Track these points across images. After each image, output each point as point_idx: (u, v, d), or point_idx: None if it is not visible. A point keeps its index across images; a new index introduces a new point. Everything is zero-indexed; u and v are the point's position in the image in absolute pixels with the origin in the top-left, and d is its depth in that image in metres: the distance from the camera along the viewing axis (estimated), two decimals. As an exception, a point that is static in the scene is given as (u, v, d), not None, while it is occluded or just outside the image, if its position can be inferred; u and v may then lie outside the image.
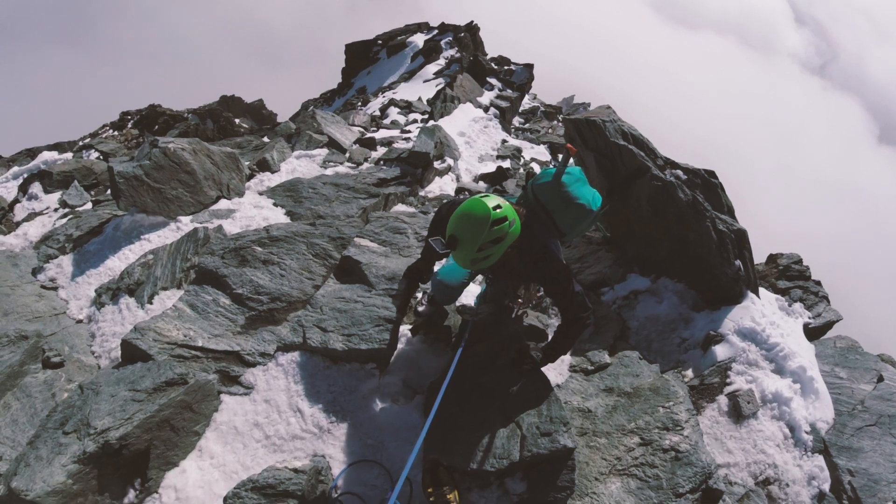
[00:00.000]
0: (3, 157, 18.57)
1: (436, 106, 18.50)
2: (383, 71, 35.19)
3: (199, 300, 6.39)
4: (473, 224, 4.69)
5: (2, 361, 6.27)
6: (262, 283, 6.53)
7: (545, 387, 5.32)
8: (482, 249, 4.75)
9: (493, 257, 4.85)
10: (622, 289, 7.73)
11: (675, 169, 7.45)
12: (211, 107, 32.84)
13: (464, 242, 4.72)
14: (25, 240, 9.58)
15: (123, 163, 9.03)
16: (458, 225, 4.77)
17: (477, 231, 4.66)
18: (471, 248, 4.71)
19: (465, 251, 4.76)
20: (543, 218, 5.38)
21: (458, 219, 4.78)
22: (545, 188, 5.42)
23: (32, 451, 4.82)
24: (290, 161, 11.67)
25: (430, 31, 37.99)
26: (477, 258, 4.80)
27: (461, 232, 4.74)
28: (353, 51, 40.26)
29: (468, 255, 4.76)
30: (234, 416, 5.39)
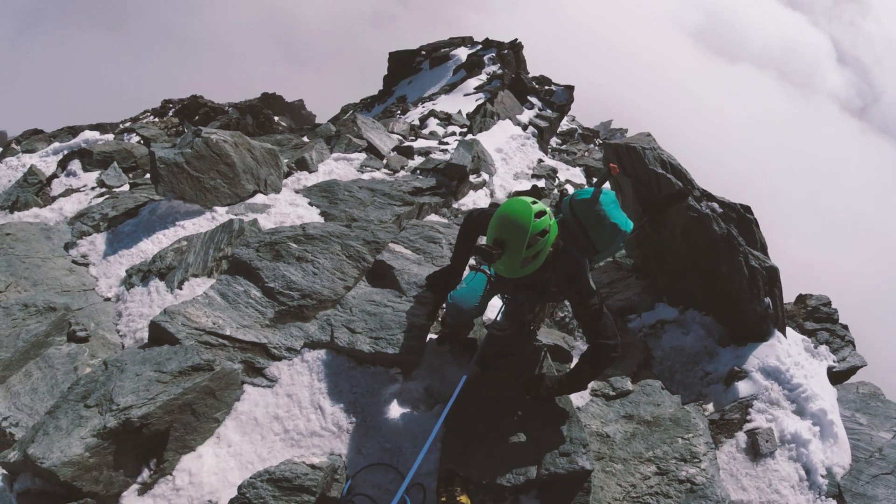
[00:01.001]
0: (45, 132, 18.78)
1: (475, 120, 18.54)
2: (425, 81, 35.28)
3: (231, 290, 6.43)
4: (518, 219, 4.61)
5: (28, 330, 6.36)
6: (295, 279, 6.56)
7: (567, 407, 5.31)
8: (531, 245, 4.62)
9: (541, 255, 4.75)
10: (649, 317, 7.70)
11: (711, 201, 7.42)
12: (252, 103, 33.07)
13: (511, 243, 4.61)
14: (60, 214, 9.69)
15: (165, 149, 9.14)
16: (501, 226, 4.68)
17: (523, 224, 4.58)
18: (520, 246, 4.59)
19: (514, 252, 4.63)
20: (577, 234, 5.34)
21: (500, 221, 4.70)
22: (583, 205, 5.39)
23: (52, 420, 4.85)
24: (328, 162, 11.75)
25: (473, 46, 38.05)
26: (527, 256, 4.67)
27: (506, 232, 4.64)
28: (396, 59, 40.42)
29: (518, 254, 4.63)
30: (256, 407, 5.42)
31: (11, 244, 8.25)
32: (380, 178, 11.08)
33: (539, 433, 5.10)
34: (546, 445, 5.02)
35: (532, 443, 5.05)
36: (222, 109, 28.22)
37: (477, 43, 38.37)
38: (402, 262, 6.95)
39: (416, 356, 5.76)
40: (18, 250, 8.12)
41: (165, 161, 8.73)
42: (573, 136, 30.63)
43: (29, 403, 5.75)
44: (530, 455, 4.97)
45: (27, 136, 18.52)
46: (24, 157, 13.97)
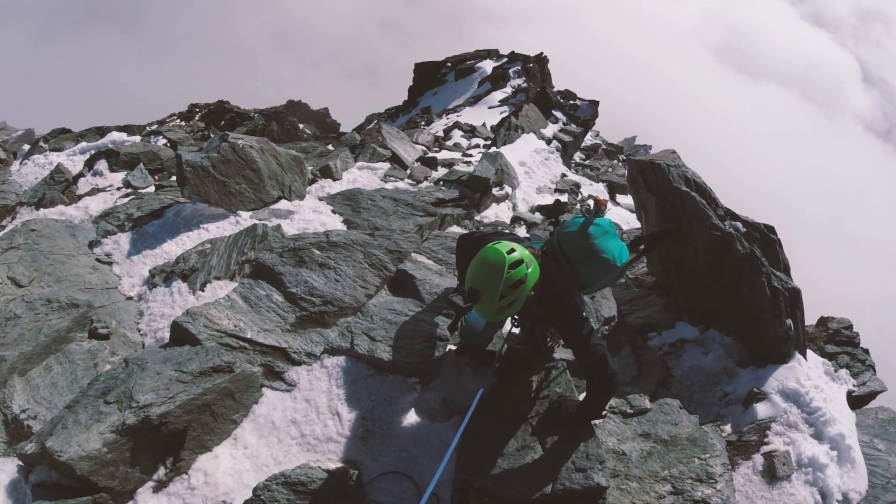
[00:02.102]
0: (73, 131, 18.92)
1: (499, 133, 18.55)
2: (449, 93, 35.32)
3: (253, 294, 6.47)
4: (490, 271, 4.59)
5: (50, 325, 6.44)
6: (317, 285, 6.59)
7: (586, 423, 5.29)
8: (504, 296, 4.61)
9: (517, 303, 4.71)
10: (669, 336, 7.68)
11: (734, 220, 7.40)
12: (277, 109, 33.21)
13: (485, 292, 4.61)
14: (86, 213, 9.80)
15: (192, 152, 9.22)
16: (475, 276, 4.68)
17: (495, 277, 4.56)
18: (493, 297, 4.59)
19: (488, 302, 4.63)
20: (565, 266, 5.26)
21: (475, 270, 4.70)
22: (570, 238, 5.33)
23: (71, 414, 4.91)
24: (352, 171, 11.79)
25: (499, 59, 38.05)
26: (501, 306, 4.65)
27: (480, 283, 4.64)
28: (421, 70, 40.48)
29: (492, 304, 4.63)
30: (273, 411, 5.45)
31: (36, 240, 8.34)
32: (403, 188, 11.11)
33: (555, 448, 5.09)
34: (562, 460, 5.00)
35: (548, 457, 5.04)
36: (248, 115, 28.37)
37: (502, 56, 38.37)
38: (424, 272, 6.97)
39: (434, 366, 5.77)
40: (43, 246, 8.21)
41: (192, 164, 8.80)
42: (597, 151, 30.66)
43: (48, 397, 5.81)
44: (546, 470, 4.95)
45: (55, 135, 18.63)
46: (52, 155, 14.09)
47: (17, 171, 13.30)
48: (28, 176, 12.73)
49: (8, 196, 11.42)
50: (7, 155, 17.91)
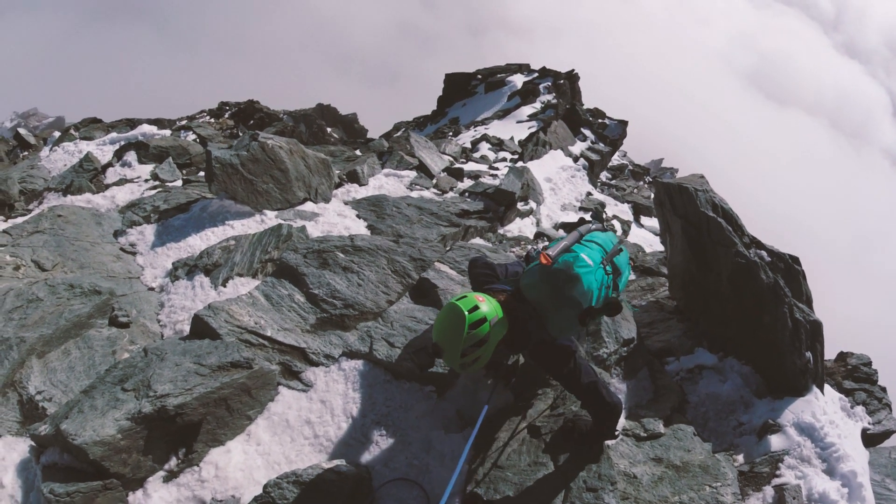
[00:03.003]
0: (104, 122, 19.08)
1: (527, 148, 18.55)
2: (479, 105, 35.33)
3: (275, 292, 6.50)
4: (450, 330, 4.55)
5: (71, 310, 6.48)
6: (339, 288, 6.61)
7: (598, 443, 5.27)
8: (466, 354, 4.57)
9: (481, 360, 4.68)
10: (688, 361, 7.62)
11: (760, 249, 7.36)
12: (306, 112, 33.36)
13: (446, 350, 4.59)
14: (112, 202, 9.87)
15: (221, 149, 9.30)
16: (437, 332, 4.68)
17: (455, 337, 4.51)
18: (455, 355, 4.57)
19: (451, 358, 4.62)
20: (533, 314, 4.97)
21: (437, 326, 4.70)
22: (531, 288, 5.06)
23: (88, 399, 4.95)
24: (378, 177, 11.81)
25: (530, 74, 38.00)
26: (465, 363, 4.64)
27: (441, 339, 4.63)
28: (451, 81, 40.50)
29: (455, 361, 4.62)
30: (288, 410, 5.46)
31: (62, 226, 8.42)
32: (428, 198, 11.12)
33: (567, 466, 5.08)
34: (573, 479, 4.99)
35: (559, 475, 5.03)
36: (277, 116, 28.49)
37: (533, 71, 38.34)
38: (447, 281, 6.97)
39: (451, 376, 5.76)
40: (69, 232, 8.29)
41: (221, 161, 8.87)
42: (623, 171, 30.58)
43: (64, 380, 5.86)
44: (557, 487, 4.94)
45: (86, 124, 18.79)
46: (82, 143, 14.25)
47: (47, 157, 13.45)
48: (57, 162, 12.86)
49: (36, 181, 11.55)
50: (37, 141, 18.11)
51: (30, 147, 17.58)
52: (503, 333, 4.72)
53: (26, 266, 7.51)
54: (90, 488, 4.48)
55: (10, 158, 16.85)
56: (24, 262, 7.56)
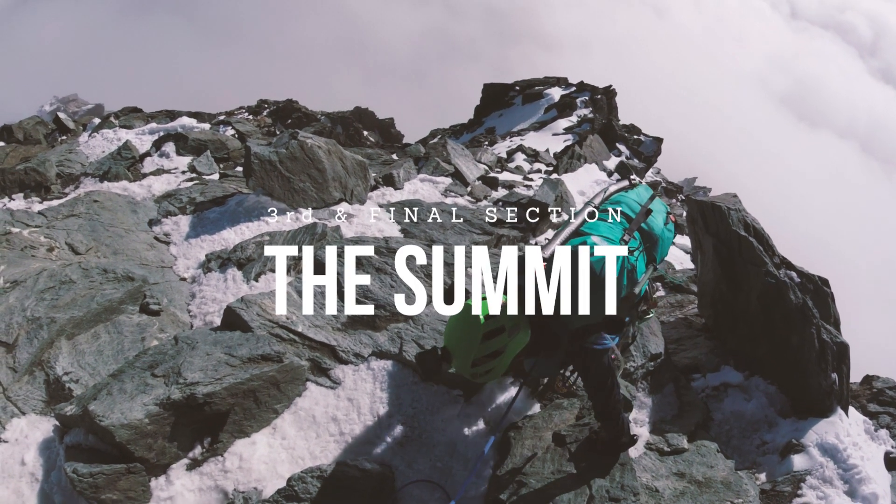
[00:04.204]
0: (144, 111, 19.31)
1: (562, 160, 18.55)
2: (515, 116, 35.33)
3: (308, 289, 6.51)
4: (462, 336, 4.20)
5: (103, 294, 6.52)
6: (372, 288, 6.60)
7: (623, 453, 5.24)
8: (478, 364, 4.21)
9: (495, 371, 4.32)
10: (714, 379, 7.62)
11: (790, 270, 7.37)
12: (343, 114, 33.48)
13: (457, 357, 4.24)
14: (149, 191, 9.96)
15: (261, 146, 9.39)
16: (448, 336, 4.34)
17: (467, 345, 4.15)
18: (465, 363, 4.21)
19: (460, 366, 4.26)
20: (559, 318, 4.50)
21: (449, 329, 4.36)
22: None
23: (117, 382, 4.97)
24: (413, 182, 11.82)
25: (567, 87, 37.96)
26: (476, 372, 4.28)
27: (452, 345, 4.28)
28: (489, 91, 40.54)
29: (465, 369, 4.26)
30: (315, 406, 5.46)
31: (98, 211, 8.51)
32: (462, 205, 11.12)
33: (591, 475, 5.04)
34: (597, 488, 4.96)
35: (582, 484, 4.99)
36: (315, 117, 28.67)
37: (571, 85, 38.29)
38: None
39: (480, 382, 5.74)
40: (104, 218, 8.36)
41: (260, 157, 8.94)
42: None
43: (92, 363, 5.91)
44: (579, 495, 4.91)
45: (126, 113, 19.05)
46: (121, 131, 14.40)
47: (86, 142, 13.60)
48: (95, 149, 13.00)
49: (74, 165, 11.69)
50: (76, 126, 18.34)
51: (68, 132, 17.82)
52: (524, 343, 4.32)
53: (60, 248, 7.59)
54: (114, 471, 4.50)
55: (48, 141, 17.10)
56: (58, 245, 7.64)
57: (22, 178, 10.78)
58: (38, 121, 18.99)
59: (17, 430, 5.21)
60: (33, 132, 17.76)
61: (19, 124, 18.17)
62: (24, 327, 6.01)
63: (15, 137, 17.41)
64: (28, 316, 6.10)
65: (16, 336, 5.93)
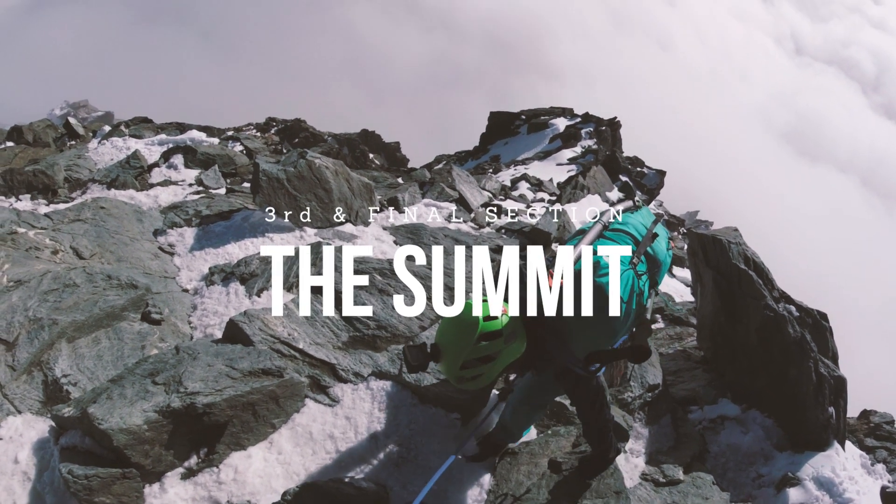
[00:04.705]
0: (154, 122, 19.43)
1: (565, 190, 18.67)
2: (520, 145, 35.51)
3: (311, 307, 6.54)
4: (456, 334, 4.05)
5: (106, 300, 6.56)
6: (374, 309, 6.63)
7: (617, 481, 5.25)
8: (467, 367, 4.04)
9: (482, 378, 4.12)
10: (711, 411, 7.66)
11: (789, 304, 7.44)
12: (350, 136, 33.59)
13: (446, 355, 4.07)
14: (155, 202, 10.03)
15: (269, 163, 9.44)
16: (441, 333, 4.18)
17: (460, 344, 4.01)
18: (454, 364, 4.04)
19: (448, 367, 4.10)
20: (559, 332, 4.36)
21: (443, 325, 4.20)
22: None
23: (117, 388, 4.98)
24: (418, 206, 11.85)
25: (573, 118, 38.13)
26: (463, 376, 4.09)
27: (444, 342, 4.11)
28: (495, 119, 40.74)
29: (452, 371, 4.09)
30: (313, 423, 5.46)
31: (104, 217, 8.55)
32: (465, 231, 11.14)
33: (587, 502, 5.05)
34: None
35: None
36: (322, 137, 28.79)
37: (576, 116, 38.47)
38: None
39: (478, 405, 5.76)
40: (110, 225, 8.41)
41: (268, 174, 9.01)
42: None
43: (91, 368, 5.93)
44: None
45: (137, 122, 19.20)
46: (130, 140, 14.49)
47: (95, 149, 13.68)
48: (104, 156, 13.08)
49: (82, 171, 11.78)
50: (86, 132, 18.42)
51: (78, 137, 17.90)
52: (518, 354, 4.15)
53: (64, 252, 7.63)
54: (109, 474, 4.50)
55: (57, 145, 17.20)
56: (62, 248, 7.68)
57: (30, 179, 10.85)
58: (48, 124, 19.14)
59: (13, 428, 5.22)
60: (43, 135, 17.88)
61: (29, 126, 18.34)
62: (25, 327, 6.04)
63: (24, 139, 17.56)
64: (30, 316, 6.12)
65: (16, 335, 5.95)
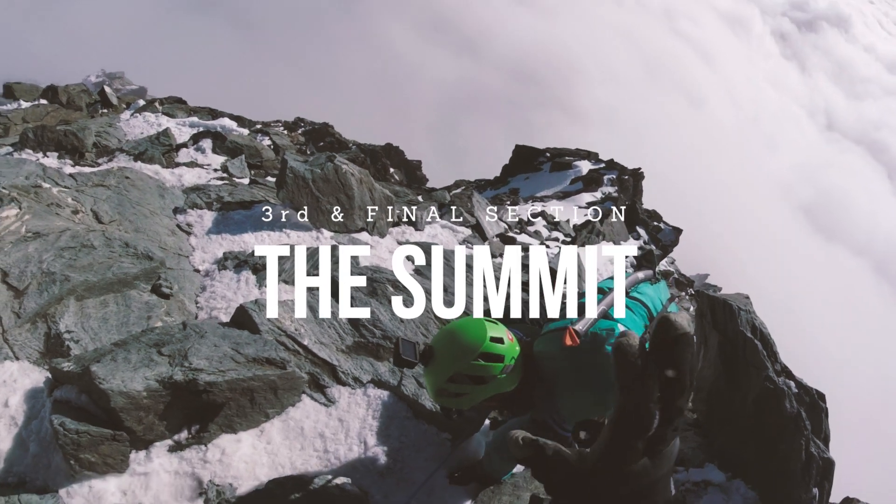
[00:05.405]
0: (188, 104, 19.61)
1: (581, 234, 18.68)
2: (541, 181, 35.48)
3: (320, 306, 6.59)
4: (457, 344, 3.83)
5: (121, 266, 6.67)
6: (382, 318, 6.65)
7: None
8: (454, 381, 3.82)
9: (462, 400, 3.91)
10: (696, 474, 7.63)
11: (789, 379, 7.45)
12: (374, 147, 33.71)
13: (438, 362, 3.86)
14: (179, 180, 10.14)
15: (297, 161, 9.54)
16: (441, 339, 3.99)
17: (457, 355, 3.79)
18: (441, 375, 3.84)
19: (434, 375, 3.90)
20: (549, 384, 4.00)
21: (445, 331, 4.01)
22: (547, 358, 4.04)
23: (122, 351, 5.02)
24: (434, 226, 11.91)
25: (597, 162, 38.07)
26: (446, 389, 3.88)
27: (440, 347, 3.91)
28: (520, 152, 40.69)
29: (437, 381, 3.89)
30: (306, 419, 5.48)
31: (127, 187, 8.67)
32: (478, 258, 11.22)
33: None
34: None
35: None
36: (347, 145, 28.89)
37: (601, 160, 38.38)
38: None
39: (471, 428, 5.75)
40: (132, 195, 8.52)
41: (295, 172, 9.13)
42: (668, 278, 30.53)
43: (95, 328, 6.01)
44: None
45: (171, 101, 19.37)
46: (163, 118, 14.68)
47: (126, 120, 13.88)
48: (135, 128, 13.26)
49: (111, 139, 11.95)
50: (119, 103, 18.59)
51: (110, 106, 18.09)
52: (508, 388, 3.90)
53: (84, 213, 7.74)
54: (100, 434, 4.54)
55: (88, 111, 17.36)
56: (83, 209, 7.80)
57: (60, 138, 11.00)
58: (83, 89, 19.35)
59: (7, 373, 5.30)
60: (77, 98, 18.07)
61: (65, 88, 18.51)
62: (37, 278, 6.13)
63: (58, 99, 17.75)
64: (44, 269, 6.23)
65: (27, 284, 6.05)
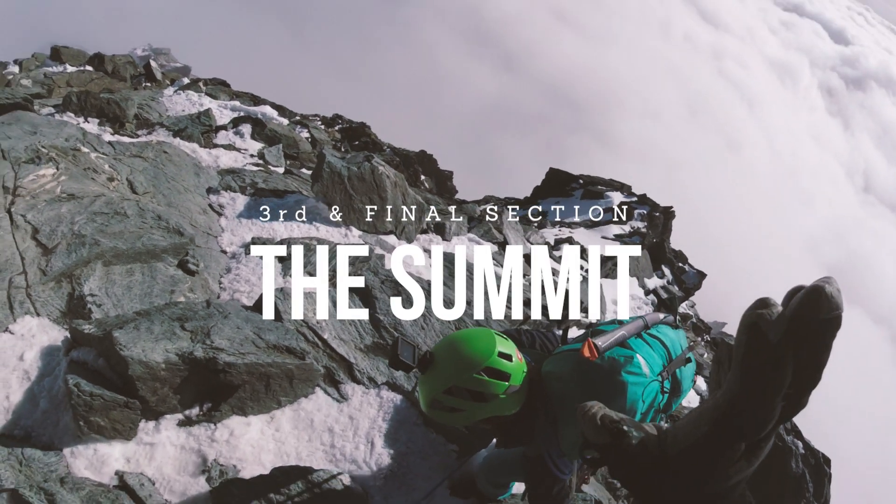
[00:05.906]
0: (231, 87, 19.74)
1: (605, 265, 18.60)
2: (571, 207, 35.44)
3: (343, 302, 6.61)
4: (460, 355, 3.54)
5: (151, 238, 6.72)
6: (404, 322, 6.66)
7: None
8: (450, 394, 3.52)
9: (457, 416, 3.61)
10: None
11: (798, 439, 7.40)
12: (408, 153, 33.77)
13: (438, 371, 3.57)
14: (215, 161, 10.21)
15: (335, 157, 9.59)
16: (443, 347, 3.68)
17: (459, 365, 3.50)
18: (437, 385, 3.54)
19: (429, 384, 3.59)
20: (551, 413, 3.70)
21: (452, 339, 3.69)
22: (555, 379, 3.73)
23: (146, 321, 5.04)
24: (462, 238, 11.93)
25: (629, 195, 37.93)
26: (440, 401, 3.57)
27: (442, 355, 3.61)
28: (553, 176, 40.66)
29: (432, 391, 3.57)
30: (317, 412, 5.49)
31: (164, 162, 8.74)
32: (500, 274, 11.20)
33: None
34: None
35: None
36: (382, 147, 28.96)
37: (633, 194, 38.24)
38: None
39: (480, 443, 5.71)
40: (168, 170, 8.57)
41: (332, 167, 9.20)
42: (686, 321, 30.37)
43: (119, 295, 6.06)
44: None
45: (215, 83, 19.50)
46: (205, 98, 14.81)
47: (169, 97, 13.98)
48: (176, 105, 13.37)
49: (152, 113, 12.07)
50: (163, 79, 18.74)
51: (154, 81, 18.24)
52: (508, 411, 3.61)
53: (120, 181, 7.80)
54: (113, 399, 4.55)
55: (132, 83, 17.49)
56: (118, 177, 7.86)
57: (103, 105, 11.12)
58: (128, 60, 19.57)
59: (27, 327, 5.36)
60: (122, 69, 18.24)
61: (111, 57, 18.69)
62: (67, 238, 6.19)
63: (104, 67, 17.91)
64: (75, 230, 6.29)
65: (56, 243, 6.11)
